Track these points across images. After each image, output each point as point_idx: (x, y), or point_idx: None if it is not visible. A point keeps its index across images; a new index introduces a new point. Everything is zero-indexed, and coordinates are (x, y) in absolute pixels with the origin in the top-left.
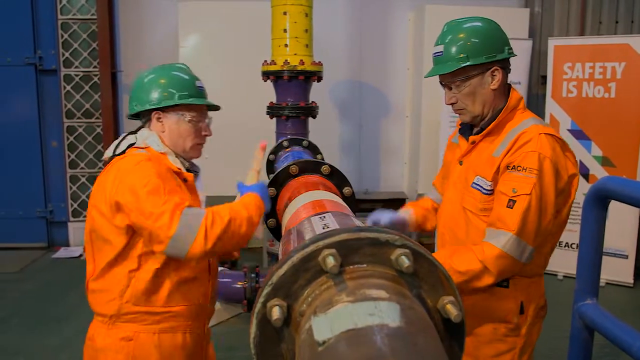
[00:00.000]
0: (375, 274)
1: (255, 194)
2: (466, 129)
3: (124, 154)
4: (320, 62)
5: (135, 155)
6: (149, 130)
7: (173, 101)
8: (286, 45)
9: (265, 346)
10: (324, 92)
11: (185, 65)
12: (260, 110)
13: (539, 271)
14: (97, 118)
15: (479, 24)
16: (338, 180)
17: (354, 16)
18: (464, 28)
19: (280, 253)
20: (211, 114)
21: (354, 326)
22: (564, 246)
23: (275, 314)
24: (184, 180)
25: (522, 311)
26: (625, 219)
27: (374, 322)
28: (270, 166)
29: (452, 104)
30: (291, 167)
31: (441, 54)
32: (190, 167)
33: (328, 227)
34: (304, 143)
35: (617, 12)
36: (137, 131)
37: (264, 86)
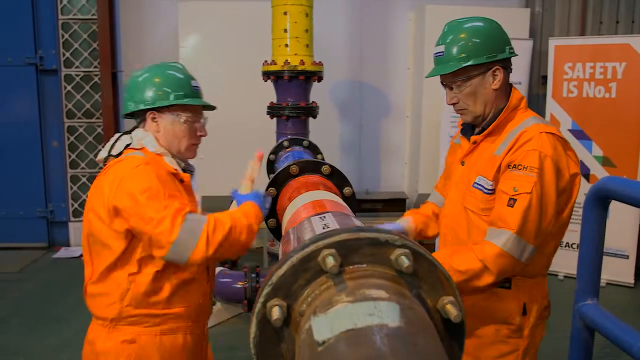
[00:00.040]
0: (375, 274)
1: (254, 203)
2: (468, 129)
3: (119, 155)
4: (320, 62)
5: (133, 158)
6: (144, 131)
7: (168, 101)
8: (286, 45)
9: (265, 346)
10: (325, 92)
11: (181, 64)
12: (261, 110)
13: (541, 271)
14: (98, 118)
15: (479, 23)
16: (338, 180)
17: (355, 16)
18: (464, 28)
19: (280, 253)
20: (212, 113)
21: (353, 326)
22: (565, 246)
23: (275, 314)
24: (181, 181)
25: (525, 312)
26: (625, 219)
27: (373, 322)
28: (271, 166)
29: (453, 104)
30: (291, 167)
31: (442, 54)
32: (186, 167)
33: (328, 227)
34: (305, 143)
35: (618, 12)
36: (131, 131)
37: (264, 86)
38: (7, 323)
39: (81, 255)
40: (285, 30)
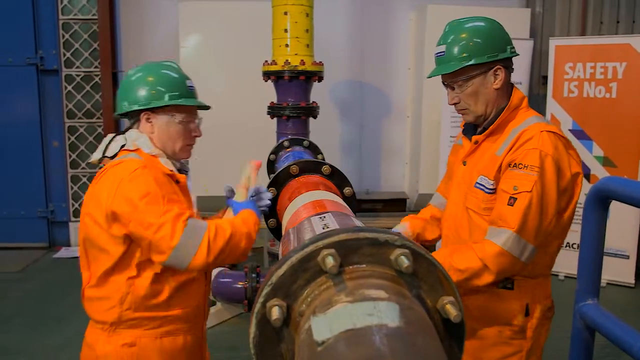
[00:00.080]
0: (374, 274)
1: (252, 211)
2: (469, 129)
3: (114, 157)
4: (321, 62)
5: (131, 162)
6: (139, 132)
7: (163, 102)
8: (287, 45)
9: (264, 346)
10: (325, 92)
11: (175, 63)
12: (261, 110)
13: (544, 272)
14: (98, 118)
15: (480, 23)
16: (338, 180)
17: (355, 16)
18: (465, 28)
19: (280, 253)
20: (213, 114)
21: (353, 326)
22: (565, 246)
23: (275, 314)
24: (176, 182)
25: (528, 313)
26: (626, 219)
27: (373, 322)
28: (271, 166)
29: (454, 104)
30: (292, 167)
31: (443, 54)
32: (180, 167)
33: (328, 227)
34: (305, 143)
35: (618, 12)
36: (125, 132)
37: (264, 86)
38: (8, 323)
39: None
40: (286, 30)
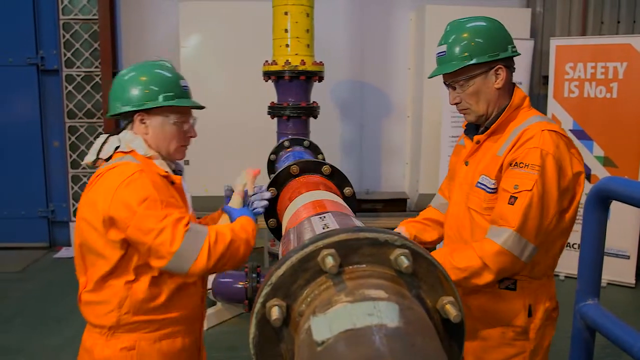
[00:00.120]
0: (374, 274)
1: (249, 218)
2: (471, 129)
3: (109, 159)
4: (321, 62)
5: (127, 166)
6: (133, 133)
7: (157, 103)
8: (287, 46)
9: (264, 346)
10: (325, 92)
11: (169, 61)
12: (261, 111)
13: (547, 272)
14: (99, 118)
15: (482, 23)
16: (339, 180)
17: (355, 16)
18: (467, 27)
19: (280, 253)
20: (214, 114)
21: (352, 326)
22: (566, 246)
23: (275, 314)
24: (172, 183)
25: (530, 314)
26: (626, 220)
27: (372, 322)
28: (271, 166)
29: (456, 103)
30: (292, 167)
31: (444, 53)
32: (175, 168)
33: (328, 227)
34: (305, 143)
35: (619, 12)
36: (119, 133)
37: (265, 86)
38: (9, 323)
39: None
40: (286, 30)
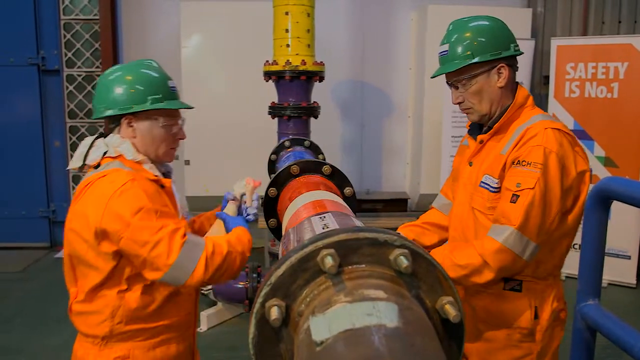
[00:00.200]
0: (373, 274)
1: (245, 229)
2: (475, 130)
3: (98, 165)
4: (322, 62)
5: (118, 175)
6: (120, 138)
7: (145, 106)
8: (288, 46)
9: (264, 346)
10: (326, 92)
11: (155, 61)
12: (262, 111)
13: (553, 272)
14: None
15: (484, 22)
16: (339, 180)
17: (356, 16)
18: (469, 27)
19: (280, 253)
20: (213, 114)
21: (351, 326)
22: None
23: (274, 314)
24: (162, 187)
25: (537, 316)
26: (627, 220)
27: (371, 322)
28: (272, 166)
29: (459, 103)
30: (292, 167)
31: (446, 53)
32: (165, 171)
33: (328, 227)
34: (306, 143)
35: (620, 12)
36: (105, 135)
37: (265, 86)
38: (10, 322)
39: None
40: (287, 30)
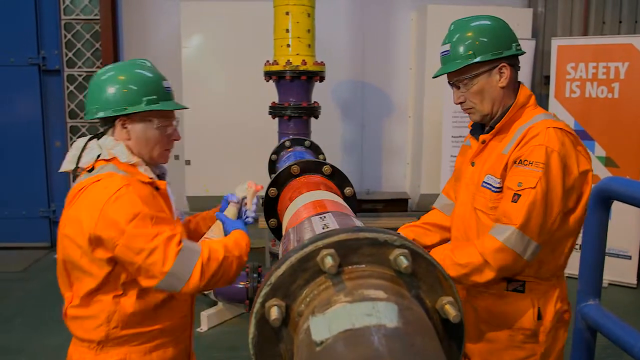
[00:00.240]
0: (373, 274)
1: (243, 233)
2: (477, 130)
3: (92, 170)
4: (322, 62)
5: (112, 180)
6: (114, 140)
7: (140, 107)
8: (288, 46)
9: (263, 346)
10: (327, 92)
11: (149, 61)
12: (262, 111)
13: (556, 273)
14: None
15: (486, 22)
16: (339, 180)
17: (357, 16)
18: (471, 26)
19: (280, 253)
20: (214, 114)
21: (351, 326)
22: None
23: (274, 314)
24: (157, 189)
25: (540, 317)
26: (628, 220)
27: (371, 322)
28: (273, 166)
29: (460, 103)
30: (292, 167)
31: (448, 52)
32: (159, 173)
33: (328, 227)
34: (306, 143)
35: (621, 12)
36: (98, 137)
37: (266, 86)
38: (10, 322)
39: None
40: (287, 31)
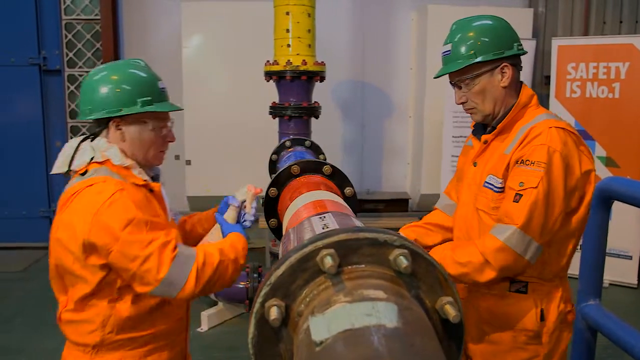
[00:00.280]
0: (373, 275)
1: (241, 235)
2: (479, 130)
3: (85, 173)
4: (323, 62)
5: (106, 185)
6: (107, 142)
7: (135, 109)
8: (289, 46)
9: (263, 346)
10: (327, 92)
11: (143, 61)
12: (262, 111)
13: (559, 274)
14: None
15: (487, 21)
16: (339, 180)
17: (357, 16)
18: (472, 26)
19: (280, 253)
20: (214, 114)
21: (351, 326)
22: None
23: (273, 314)
24: (151, 191)
25: (543, 318)
26: (629, 220)
27: (371, 322)
28: (273, 166)
29: (462, 103)
30: (293, 167)
31: (449, 52)
32: (154, 175)
33: (328, 227)
34: (307, 143)
35: (621, 12)
36: (91, 138)
37: (266, 86)
38: (10, 322)
39: None
40: (288, 31)
